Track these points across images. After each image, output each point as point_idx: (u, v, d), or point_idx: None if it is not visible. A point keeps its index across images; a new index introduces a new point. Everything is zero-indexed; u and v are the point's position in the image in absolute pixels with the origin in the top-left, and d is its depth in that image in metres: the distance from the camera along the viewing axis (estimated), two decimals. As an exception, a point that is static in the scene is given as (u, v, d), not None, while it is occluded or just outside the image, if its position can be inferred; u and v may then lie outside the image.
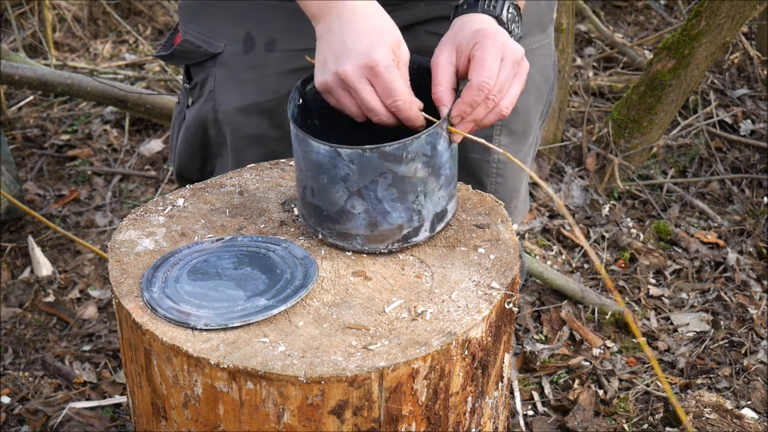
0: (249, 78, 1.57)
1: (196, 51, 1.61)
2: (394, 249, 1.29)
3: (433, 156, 1.24)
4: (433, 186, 1.26)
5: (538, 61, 1.66)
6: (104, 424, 2.21)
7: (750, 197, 3.14)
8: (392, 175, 1.22)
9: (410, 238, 1.28)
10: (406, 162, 1.22)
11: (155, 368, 1.16)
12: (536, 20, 1.64)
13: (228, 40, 1.58)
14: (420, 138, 1.21)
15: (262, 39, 1.56)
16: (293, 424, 1.11)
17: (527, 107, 1.66)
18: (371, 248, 1.28)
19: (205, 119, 1.63)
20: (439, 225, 1.31)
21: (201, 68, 1.63)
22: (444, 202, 1.30)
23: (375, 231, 1.27)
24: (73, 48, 4.02)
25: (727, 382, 2.36)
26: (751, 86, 3.64)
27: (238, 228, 1.34)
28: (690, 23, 2.93)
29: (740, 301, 2.65)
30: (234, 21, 1.57)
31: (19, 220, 2.89)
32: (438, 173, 1.26)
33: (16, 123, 3.46)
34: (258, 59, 1.57)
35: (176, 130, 1.72)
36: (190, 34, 1.63)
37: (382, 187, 1.23)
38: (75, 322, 2.53)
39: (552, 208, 3.04)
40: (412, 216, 1.27)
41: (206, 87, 1.62)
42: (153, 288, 1.20)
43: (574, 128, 3.42)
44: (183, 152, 1.70)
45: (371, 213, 1.25)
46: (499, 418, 1.32)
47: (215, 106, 1.60)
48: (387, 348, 1.11)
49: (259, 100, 1.57)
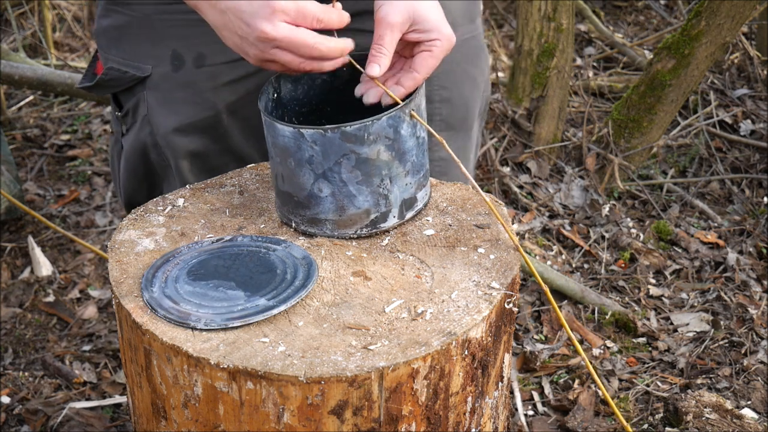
0: (182, 97, 1.53)
1: (123, 77, 1.56)
2: (363, 234, 1.30)
3: (396, 140, 1.25)
4: (398, 171, 1.27)
5: (469, 52, 1.65)
6: (104, 424, 2.21)
7: (750, 197, 3.14)
8: (355, 156, 1.24)
9: (378, 224, 1.30)
10: (368, 143, 1.23)
11: (155, 368, 1.16)
12: (467, 11, 1.64)
13: (154, 61, 1.53)
14: (381, 119, 1.23)
15: (190, 55, 1.52)
16: (293, 424, 1.11)
17: (464, 99, 1.65)
18: (340, 233, 1.30)
19: (144, 145, 1.58)
20: (409, 212, 1.32)
21: (130, 94, 1.57)
22: (412, 190, 1.31)
23: (343, 215, 1.28)
24: (73, 48, 4.02)
25: (727, 382, 2.36)
26: (751, 86, 3.64)
27: (238, 228, 1.34)
28: (690, 23, 2.93)
29: (740, 301, 2.65)
30: (157, 41, 1.52)
31: (19, 220, 2.89)
32: (403, 158, 1.27)
33: (16, 123, 3.46)
34: (189, 77, 1.52)
35: (116, 160, 1.67)
36: (112, 60, 1.57)
37: (346, 168, 1.25)
38: (75, 322, 2.53)
39: (552, 208, 3.04)
40: (379, 200, 1.28)
41: (139, 112, 1.56)
42: (153, 288, 1.20)
43: (574, 128, 3.42)
44: (127, 182, 1.65)
45: (338, 196, 1.27)
46: (499, 418, 1.32)
47: (152, 129, 1.55)
48: (387, 348, 1.11)
49: (196, 119, 1.53)
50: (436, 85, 1.59)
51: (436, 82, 1.59)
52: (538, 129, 3.21)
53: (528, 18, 3.10)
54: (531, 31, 3.11)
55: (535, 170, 3.18)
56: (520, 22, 3.14)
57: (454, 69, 1.61)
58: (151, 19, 1.53)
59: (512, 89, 3.24)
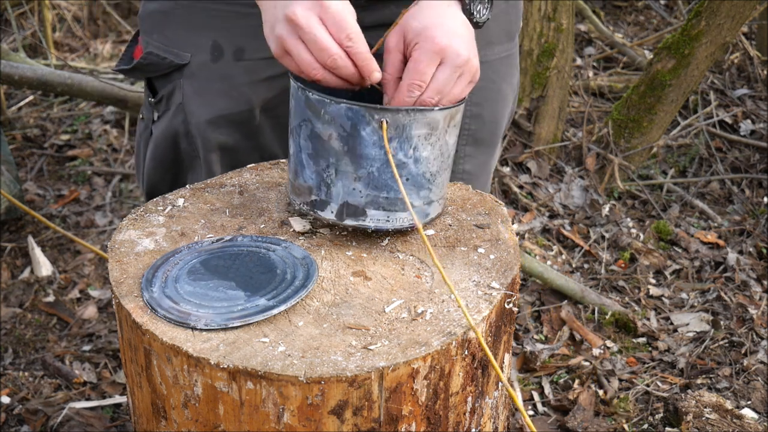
0: (219, 89, 1.53)
1: (161, 63, 1.55)
2: (304, 210, 1.30)
3: (353, 136, 1.21)
4: (347, 168, 1.24)
5: (506, 70, 1.62)
6: (104, 424, 2.21)
7: (750, 197, 3.14)
8: (311, 127, 1.23)
9: (316, 208, 1.28)
10: (323, 121, 1.22)
11: (155, 368, 1.16)
12: (505, 28, 1.61)
13: (194, 50, 1.53)
14: (340, 105, 1.20)
15: (230, 48, 1.52)
16: (293, 424, 1.11)
17: (495, 117, 1.63)
18: (292, 199, 1.31)
19: (175, 133, 1.58)
20: (350, 220, 1.27)
21: (167, 80, 1.57)
22: (361, 200, 1.25)
23: (296, 180, 1.29)
24: (73, 48, 4.02)
25: (727, 382, 2.36)
26: (751, 86, 3.65)
27: (238, 228, 1.34)
28: (690, 23, 2.93)
29: (740, 301, 2.65)
30: (199, 30, 1.53)
31: (19, 220, 2.89)
32: (357, 161, 1.23)
33: (16, 123, 3.46)
34: (227, 69, 1.52)
35: (143, 147, 1.66)
36: (153, 45, 1.57)
37: (303, 134, 1.24)
38: (75, 322, 2.53)
39: (552, 208, 3.04)
40: (321, 185, 1.26)
41: (174, 99, 1.56)
42: (153, 288, 1.20)
43: (574, 128, 3.42)
44: (152, 170, 1.63)
45: (296, 158, 1.28)
46: (499, 418, 1.32)
47: (186, 118, 1.55)
48: (387, 348, 1.11)
49: (230, 112, 1.53)
50: (468, 102, 1.54)
51: (469, 99, 1.52)
52: (538, 129, 3.21)
53: (528, 18, 3.10)
54: (531, 31, 3.11)
55: (535, 170, 3.18)
56: (520, 22, 3.14)
57: (488, 87, 1.58)
58: (195, 8, 1.53)
59: (512, 89, 3.24)
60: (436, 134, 1.24)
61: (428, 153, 1.24)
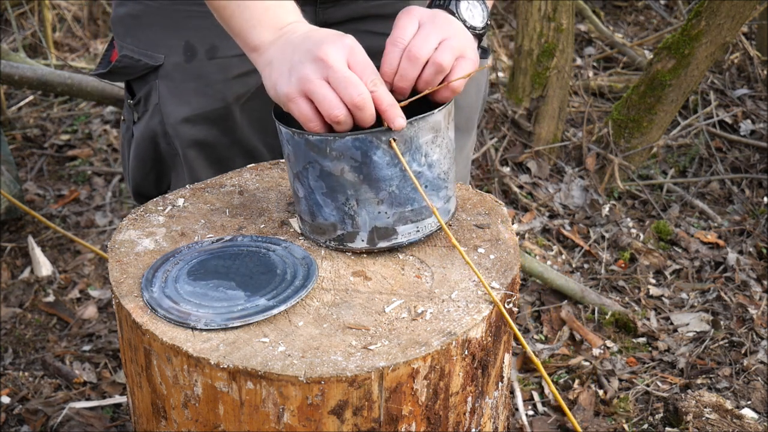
0: (193, 88, 1.54)
1: (136, 65, 1.58)
2: (331, 246, 1.28)
3: (366, 164, 1.20)
4: (367, 195, 1.23)
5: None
6: (104, 424, 2.21)
7: (750, 197, 3.14)
8: (319, 167, 1.22)
9: (346, 242, 1.27)
10: (330, 158, 1.20)
11: (155, 368, 1.16)
12: None
13: (167, 50, 1.55)
14: (345, 139, 1.19)
15: (203, 47, 1.53)
16: (293, 424, 1.11)
17: (468, 102, 1.66)
18: (315, 238, 1.29)
19: (154, 133, 1.60)
20: (383, 242, 1.27)
21: (143, 82, 1.59)
22: (389, 220, 1.25)
23: (314, 221, 1.28)
24: (73, 48, 4.02)
25: (727, 382, 2.36)
26: (751, 86, 3.65)
27: (238, 228, 1.34)
28: (690, 23, 2.93)
29: (740, 301, 2.65)
30: (171, 31, 1.54)
31: (19, 220, 2.89)
32: (376, 185, 1.22)
33: (16, 123, 3.46)
34: (201, 68, 1.54)
35: (126, 148, 1.69)
36: (127, 48, 1.59)
37: (312, 176, 1.23)
38: (75, 322, 2.53)
39: (552, 208, 3.04)
40: (345, 219, 1.25)
41: (151, 101, 1.58)
42: (153, 288, 1.20)
43: (574, 128, 3.42)
44: (136, 170, 1.66)
45: (309, 201, 1.26)
46: (499, 418, 1.32)
47: (162, 118, 1.57)
48: (387, 348, 1.11)
49: (206, 109, 1.55)
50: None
51: None
52: (538, 129, 3.21)
53: (528, 18, 3.10)
54: (531, 31, 3.11)
55: (535, 170, 3.18)
56: (520, 22, 3.14)
57: None
58: (165, 10, 1.55)
59: (512, 89, 3.24)
60: (440, 135, 1.25)
61: (438, 155, 1.25)
